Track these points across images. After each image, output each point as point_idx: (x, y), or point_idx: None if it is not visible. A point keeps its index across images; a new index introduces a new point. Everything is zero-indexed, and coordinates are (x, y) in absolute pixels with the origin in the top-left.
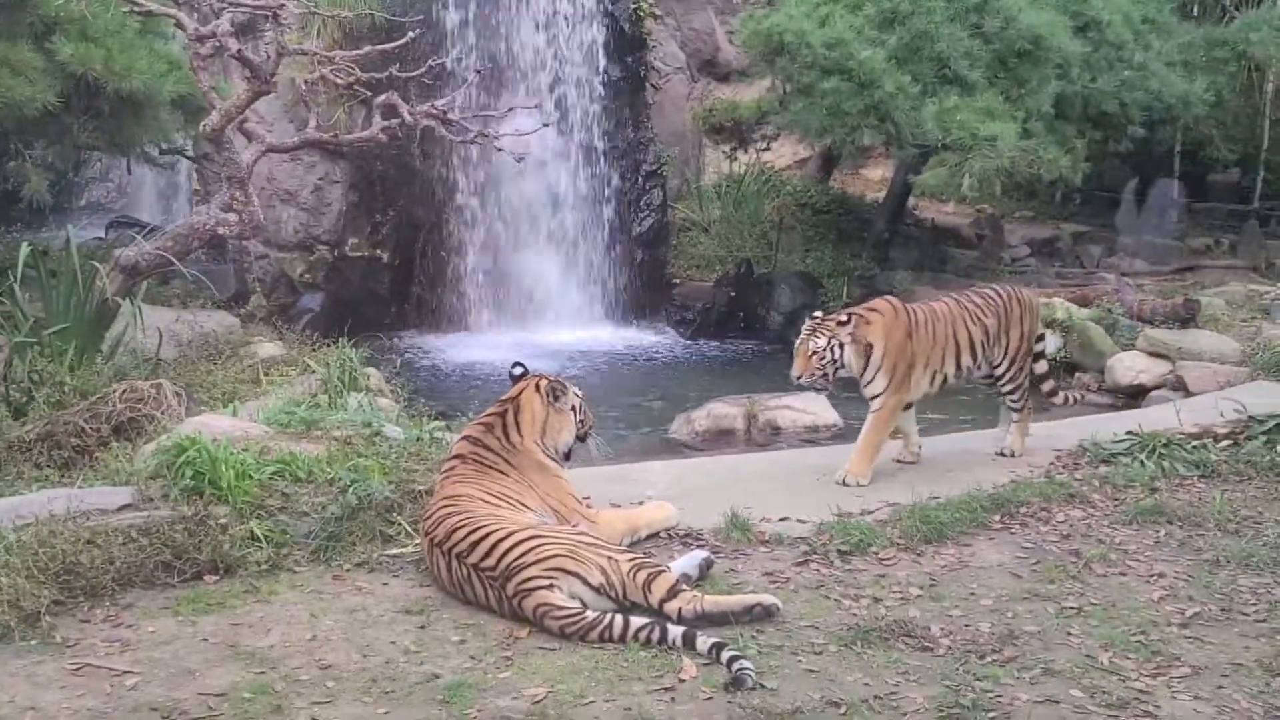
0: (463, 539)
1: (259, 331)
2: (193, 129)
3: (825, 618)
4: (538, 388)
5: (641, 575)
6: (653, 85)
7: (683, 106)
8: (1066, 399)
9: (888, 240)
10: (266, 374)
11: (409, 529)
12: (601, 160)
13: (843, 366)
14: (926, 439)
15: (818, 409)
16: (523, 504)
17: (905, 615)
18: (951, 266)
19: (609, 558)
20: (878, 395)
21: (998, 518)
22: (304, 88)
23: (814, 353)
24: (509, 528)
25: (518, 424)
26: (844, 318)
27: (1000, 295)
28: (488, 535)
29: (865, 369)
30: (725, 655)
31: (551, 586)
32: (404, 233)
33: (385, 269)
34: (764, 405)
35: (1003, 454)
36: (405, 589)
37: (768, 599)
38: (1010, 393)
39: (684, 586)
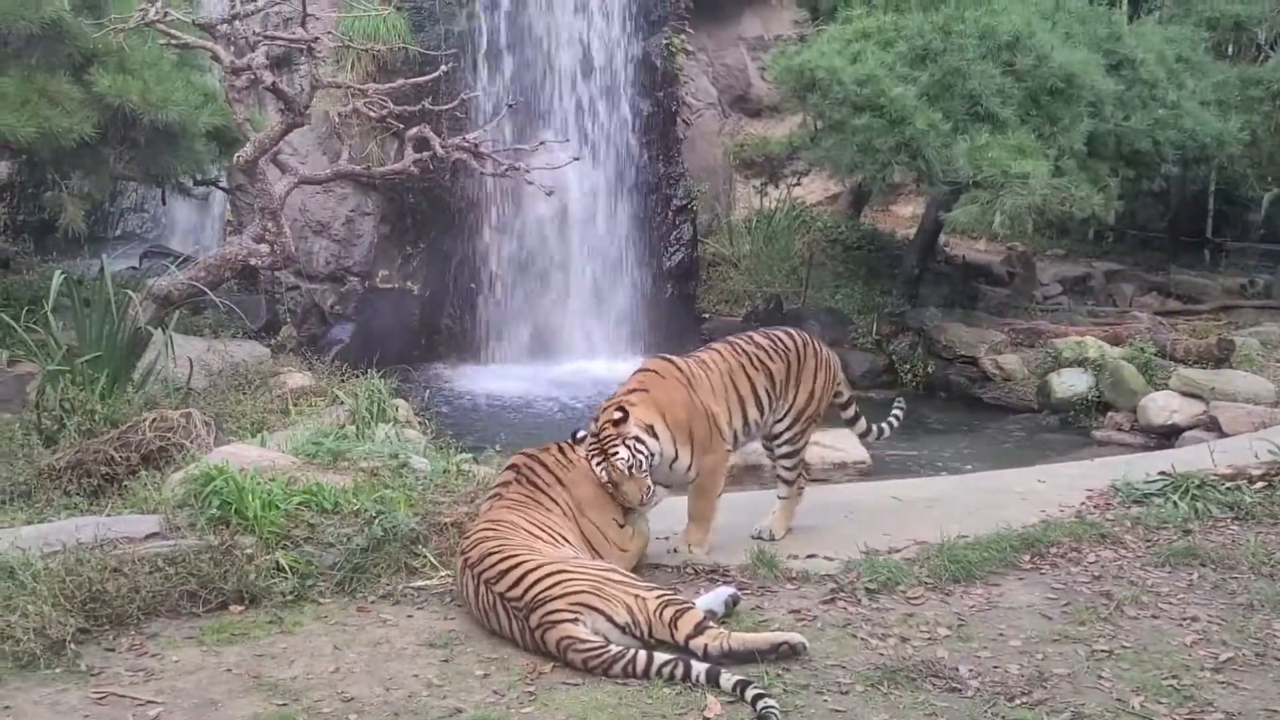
0: (493, 565)
1: (289, 362)
2: (227, 160)
3: (852, 657)
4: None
5: (669, 612)
6: (684, 120)
7: (714, 141)
8: (880, 432)
9: (918, 277)
10: (295, 404)
11: (434, 561)
12: (632, 194)
13: (653, 453)
14: (953, 477)
15: (847, 446)
16: (563, 537)
17: (933, 655)
18: (983, 304)
19: (636, 595)
20: (688, 470)
21: (1027, 558)
22: (337, 120)
23: (631, 467)
24: (539, 560)
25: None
26: (617, 414)
27: (793, 340)
28: (518, 565)
29: (662, 453)
30: (750, 693)
31: (576, 621)
32: (434, 265)
33: (415, 300)
34: None
35: (759, 536)
36: (429, 622)
37: (794, 637)
38: (785, 457)
39: (710, 623)
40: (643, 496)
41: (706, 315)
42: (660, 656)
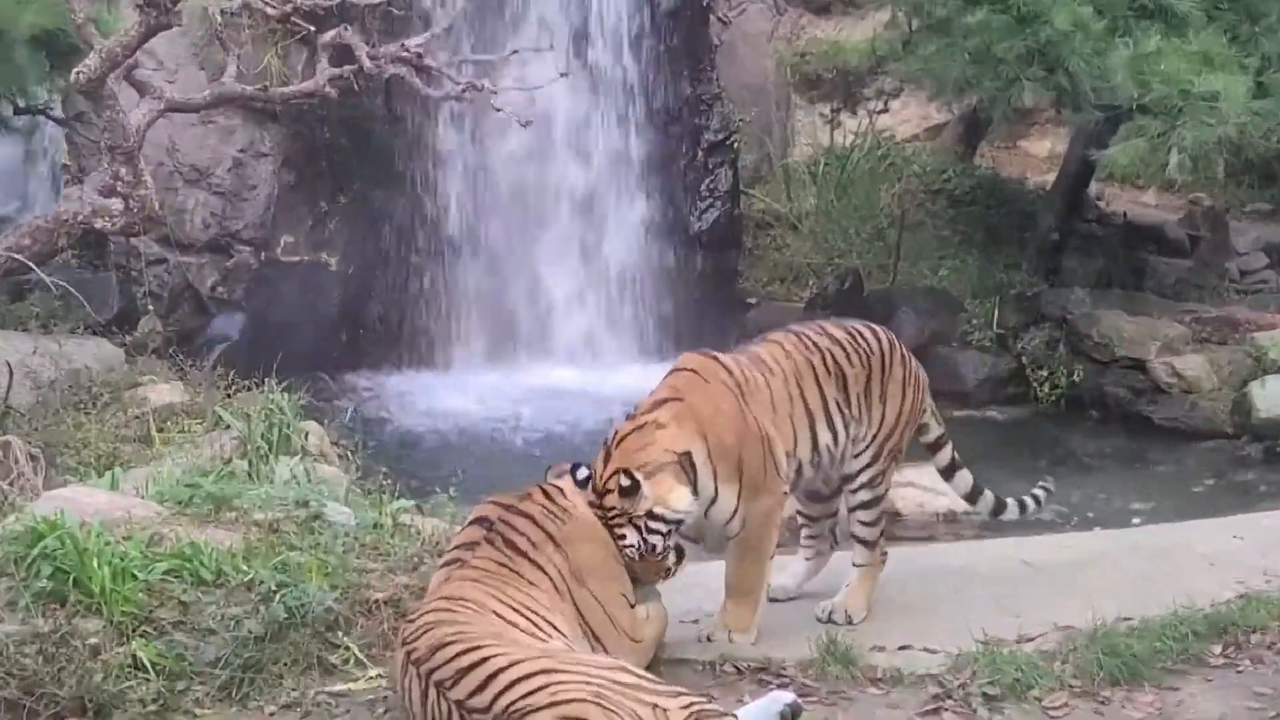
0: (448, 662)
1: (151, 368)
2: (62, 78)
3: None
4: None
5: None
6: (720, 19)
7: (764, 49)
8: (1000, 507)
9: (1059, 243)
10: (161, 429)
11: (360, 656)
12: (645, 126)
13: (682, 516)
14: (1110, 532)
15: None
16: (549, 624)
17: None
18: (1153, 282)
19: (654, 705)
20: (731, 518)
21: (1218, 649)
22: (220, 22)
23: (642, 554)
24: (514, 654)
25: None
26: (624, 481)
27: (876, 338)
28: (484, 661)
29: (696, 497)
30: None
31: None
32: (360, 229)
33: (333, 280)
34: None
35: (830, 619)
36: None
37: None
38: (863, 507)
39: None
40: (659, 576)
41: (753, 300)
42: None
